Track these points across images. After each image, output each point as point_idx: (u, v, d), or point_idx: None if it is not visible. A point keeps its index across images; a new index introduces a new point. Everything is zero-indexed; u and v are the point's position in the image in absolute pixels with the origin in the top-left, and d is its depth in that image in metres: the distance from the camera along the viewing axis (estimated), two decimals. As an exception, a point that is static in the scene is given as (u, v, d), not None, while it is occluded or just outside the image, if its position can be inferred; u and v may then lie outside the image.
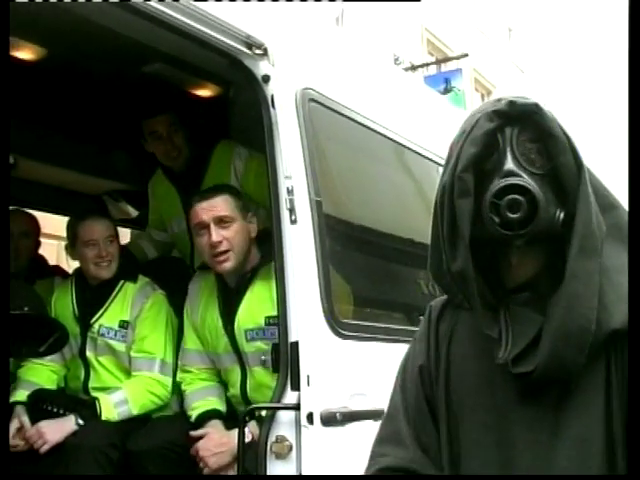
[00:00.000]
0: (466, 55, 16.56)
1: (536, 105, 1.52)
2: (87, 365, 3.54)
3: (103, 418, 3.26)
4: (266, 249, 3.04)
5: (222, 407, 3.22)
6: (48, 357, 3.54)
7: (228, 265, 3.07)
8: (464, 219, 1.52)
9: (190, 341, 3.32)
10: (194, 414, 3.18)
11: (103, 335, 3.50)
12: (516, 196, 1.45)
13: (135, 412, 3.33)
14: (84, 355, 3.53)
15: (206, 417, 3.15)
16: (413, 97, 4.10)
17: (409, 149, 3.56)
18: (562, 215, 1.49)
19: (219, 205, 3.08)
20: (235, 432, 2.76)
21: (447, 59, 17.68)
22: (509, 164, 1.48)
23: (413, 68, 15.62)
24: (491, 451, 1.53)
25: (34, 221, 4.18)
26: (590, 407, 1.48)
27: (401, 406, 1.69)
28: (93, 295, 3.58)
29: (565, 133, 1.52)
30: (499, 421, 1.53)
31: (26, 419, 3.32)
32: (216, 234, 3.03)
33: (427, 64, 16.90)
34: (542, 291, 1.54)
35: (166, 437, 3.13)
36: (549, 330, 1.46)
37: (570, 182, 1.49)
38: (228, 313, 3.16)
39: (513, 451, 1.51)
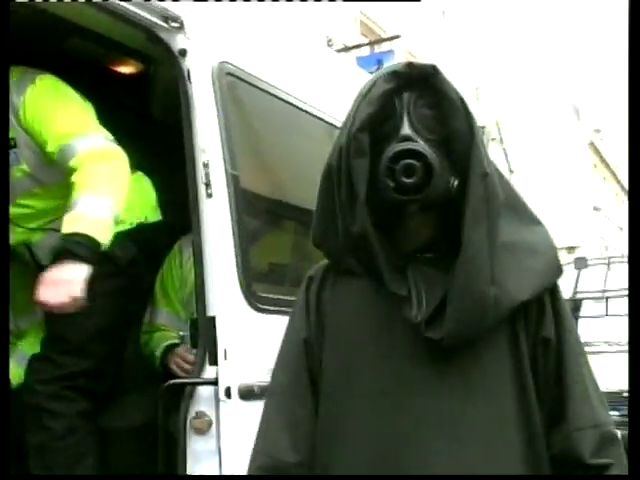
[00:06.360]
0: (398, 37, 16.60)
1: (434, 67, 1.53)
2: None
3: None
4: None
5: None
6: None
7: None
8: (360, 179, 1.52)
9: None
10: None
11: None
12: (411, 161, 1.46)
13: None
14: None
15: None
16: (338, 75, 4.09)
17: (329, 123, 3.56)
18: (456, 182, 1.51)
19: None
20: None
21: (379, 40, 17.72)
22: (405, 129, 1.49)
23: (346, 49, 15.59)
24: (388, 417, 1.53)
25: None
26: (497, 367, 1.52)
27: (282, 384, 1.68)
28: None
29: (460, 98, 1.53)
30: (399, 386, 1.54)
31: None
32: None
33: (359, 45, 16.89)
34: (442, 252, 1.56)
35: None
36: (452, 298, 1.49)
37: (464, 148, 1.50)
38: None
39: (414, 416, 1.51)
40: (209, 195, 2.64)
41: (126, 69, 3.78)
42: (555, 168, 36.68)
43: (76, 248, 2.54)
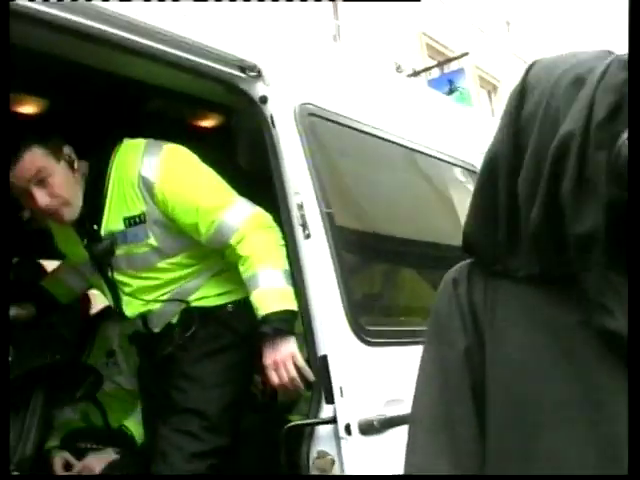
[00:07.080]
0: (466, 54, 16.54)
1: None
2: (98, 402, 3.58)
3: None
4: None
5: None
6: None
7: (67, 217, 2.84)
8: (600, 174, 1.36)
9: None
10: None
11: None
12: None
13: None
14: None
15: None
16: (415, 99, 4.10)
17: (416, 151, 3.56)
18: None
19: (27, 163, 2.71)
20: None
21: (448, 60, 17.65)
22: None
23: (416, 74, 15.62)
24: (581, 424, 1.36)
25: None
26: None
27: (437, 403, 1.46)
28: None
29: None
30: (594, 397, 1.36)
31: (68, 455, 3.38)
32: (40, 197, 2.75)
33: (429, 68, 16.90)
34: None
35: None
36: None
37: None
38: None
39: (614, 427, 1.34)
40: (307, 236, 2.67)
41: (209, 123, 3.85)
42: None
43: (284, 325, 2.67)
